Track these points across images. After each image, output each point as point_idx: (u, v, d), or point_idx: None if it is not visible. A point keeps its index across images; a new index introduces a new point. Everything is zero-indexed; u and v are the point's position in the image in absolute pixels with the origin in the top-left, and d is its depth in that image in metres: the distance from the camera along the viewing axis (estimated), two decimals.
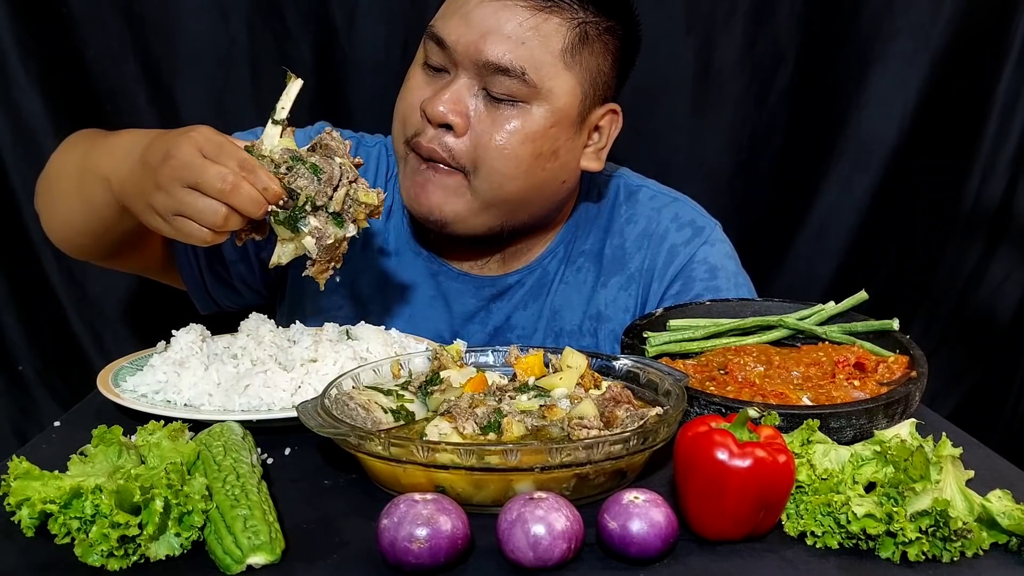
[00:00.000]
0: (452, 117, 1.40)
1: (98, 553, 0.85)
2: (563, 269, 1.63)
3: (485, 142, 1.41)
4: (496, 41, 1.38)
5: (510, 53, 1.38)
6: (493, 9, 1.39)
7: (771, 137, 2.27)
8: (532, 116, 1.42)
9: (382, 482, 1.01)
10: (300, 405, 1.04)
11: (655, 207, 1.65)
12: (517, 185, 1.45)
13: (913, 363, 1.26)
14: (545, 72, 1.40)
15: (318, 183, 1.21)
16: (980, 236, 2.28)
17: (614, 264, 1.63)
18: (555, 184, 1.50)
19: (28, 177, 2.16)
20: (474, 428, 1.04)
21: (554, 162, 1.47)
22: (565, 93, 1.43)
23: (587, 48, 1.44)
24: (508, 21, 1.39)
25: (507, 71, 1.38)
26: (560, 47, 1.41)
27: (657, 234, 1.63)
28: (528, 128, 1.42)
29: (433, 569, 0.84)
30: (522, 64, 1.38)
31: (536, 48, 1.39)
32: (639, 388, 1.16)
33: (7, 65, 2.10)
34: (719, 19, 2.19)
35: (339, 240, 1.22)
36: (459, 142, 1.42)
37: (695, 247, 1.61)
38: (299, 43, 2.16)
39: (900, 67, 2.20)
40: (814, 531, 0.91)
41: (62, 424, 1.21)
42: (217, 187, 1.14)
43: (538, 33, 1.40)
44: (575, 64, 1.43)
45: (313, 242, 1.21)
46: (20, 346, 2.27)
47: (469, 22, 1.39)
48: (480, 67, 1.39)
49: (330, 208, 1.21)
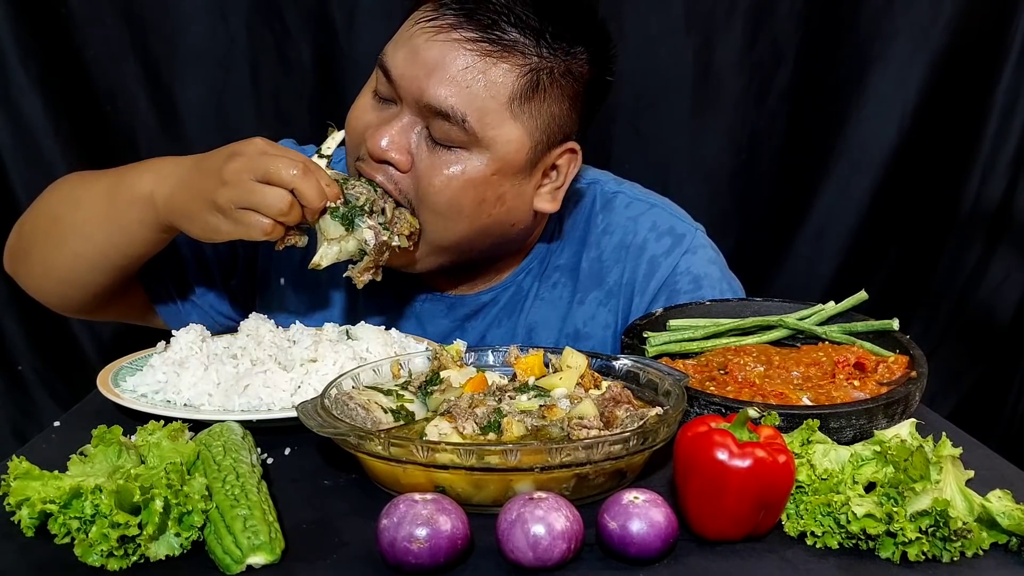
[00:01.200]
0: (393, 155, 1.34)
1: (98, 553, 0.85)
2: (538, 285, 1.56)
3: (425, 185, 1.34)
4: (439, 83, 1.30)
5: (452, 98, 1.30)
6: (440, 48, 1.31)
7: (771, 137, 2.27)
8: (472, 163, 1.34)
9: (382, 482, 1.01)
10: (300, 405, 1.04)
11: (631, 216, 1.57)
12: (461, 229, 1.38)
13: (913, 363, 1.26)
14: (488, 120, 1.32)
15: (375, 193, 1.33)
16: (980, 236, 2.29)
17: (591, 279, 1.56)
18: (503, 227, 1.43)
19: (28, 177, 2.17)
20: (474, 428, 1.04)
21: (500, 207, 1.39)
22: (510, 142, 1.34)
23: (539, 96, 1.34)
24: (454, 63, 1.31)
25: (447, 116, 1.31)
26: (507, 95, 1.32)
27: (635, 245, 1.55)
28: (468, 175, 1.34)
29: (433, 569, 0.84)
30: (464, 111, 1.30)
31: (480, 95, 1.31)
32: (639, 388, 1.15)
33: (7, 65, 2.10)
34: (719, 19, 2.20)
35: (388, 245, 1.33)
36: (404, 177, 1.36)
37: (676, 257, 1.54)
38: (299, 43, 2.17)
39: (900, 67, 2.20)
40: (814, 531, 0.91)
41: (62, 424, 1.21)
42: (289, 172, 1.25)
43: (485, 78, 1.31)
44: (524, 112, 1.34)
45: (372, 235, 1.31)
46: (20, 346, 2.27)
47: (415, 58, 1.32)
48: (422, 107, 1.32)
49: (381, 219, 1.33)
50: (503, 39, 1.31)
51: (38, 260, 1.48)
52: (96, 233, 1.40)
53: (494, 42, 1.31)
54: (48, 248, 1.46)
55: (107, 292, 1.47)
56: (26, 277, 1.51)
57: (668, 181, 2.23)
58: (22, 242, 1.50)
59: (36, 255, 1.48)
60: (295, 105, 2.19)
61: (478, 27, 1.31)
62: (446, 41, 1.31)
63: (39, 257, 1.47)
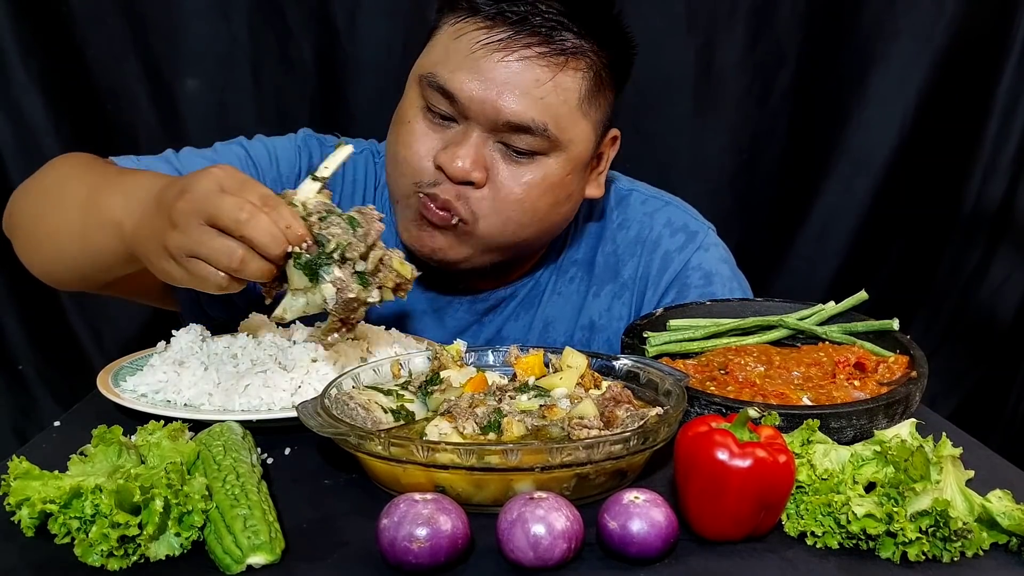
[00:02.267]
0: (475, 174, 1.36)
1: (98, 553, 0.85)
2: (555, 280, 1.60)
3: (504, 195, 1.38)
4: (514, 100, 1.34)
5: (531, 111, 1.34)
6: (508, 67, 1.34)
7: (772, 137, 2.27)
8: (551, 167, 1.39)
9: (382, 482, 1.01)
10: (300, 405, 1.04)
11: (647, 212, 1.62)
12: (531, 231, 1.44)
13: (913, 363, 1.26)
14: (564, 124, 1.38)
15: (352, 234, 1.11)
16: (981, 236, 2.29)
17: (607, 272, 1.60)
18: (564, 222, 1.51)
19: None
20: (474, 428, 1.04)
21: (568, 204, 1.47)
22: (582, 140, 1.41)
23: (600, 91, 1.41)
24: (525, 79, 1.34)
25: (528, 129, 1.35)
26: (577, 98, 1.38)
27: (650, 240, 1.60)
28: (548, 180, 1.40)
29: (433, 569, 0.84)
30: (543, 121, 1.35)
31: (555, 103, 1.36)
32: (639, 388, 1.15)
33: (7, 64, 2.10)
34: (720, 19, 2.20)
35: (360, 301, 1.12)
36: (478, 194, 1.38)
37: (689, 253, 1.59)
38: (300, 42, 2.17)
39: (901, 67, 2.20)
40: (814, 531, 0.91)
41: (62, 424, 1.21)
42: (233, 217, 1.04)
43: (556, 87, 1.36)
44: (591, 110, 1.41)
45: (333, 292, 1.09)
46: (20, 346, 2.27)
47: (484, 79, 1.34)
48: (499, 124, 1.35)
49: (359, 266, 1.11)
50: (564, 47, 1.35)
51: (27, 241, 1.43)
52: (69, 247, 1.33)
53: (560, 52, 1.35)
54: (32, 233, 1.41)
55: (100, 283, 1.42)
56: (18, 251, 1.46)
57: (669, 181, 2.21)
58: (13, 218, 1.45)
59: (23, 233, 1.43)
60: (296, 104, 2.20)
61: (539, 40, 1.34)
62: (515, 60, 1.34)
63: (28, 240, 1.43)
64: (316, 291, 1.10)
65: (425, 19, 1.50)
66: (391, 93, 1.53)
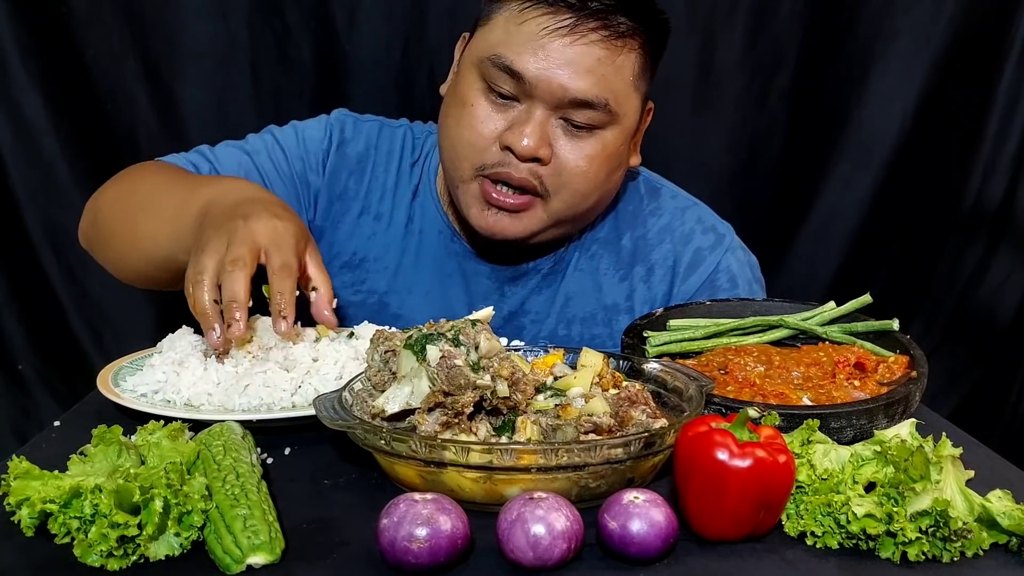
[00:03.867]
0: (542, 150, 1.45)
1: (98, 553, 0.85)
2: (578, 255, 1.66)
3: (569, 168, 1.47)
4: (578, 77, 1.43)
5: (594, 88, 1.43)
6: (574, 49, 1.42)
7: (772, 137, 2.27)
8: (608, 139, 1.49)
9: (399, 479, 1.01)
10: (318, 397, 1.05)
11: (679, 206, 1.70)
12: (591, 200, 1.53)
13: (913, 363, 1.26)
14: (622, 99, 1.47)
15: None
16: (981, 236, 2.28)
17: (635, 256, 1.67)
18: (614, 187, 1.60)
19: (28, 176, 2.17)
20: (488, 428, 1.03)
21: (620, 171, 1.57)
22: (633, 112, 1.52)
23: (647, 68, 1.52)
24: (589, 59, 1.43)
25: (591, 105, 1.44)
26: (632, 75, 1.48)
27: (682, 232, 1.67)
28: (607, 151, 1.49)
29: (433, 569, 0.84)
30: (605, 97, 1.44)
31: (614, 80, 1.45)
32: (667, 393, 1.15)
33: (7, 64, 2.10)
34: (720, 18, 2.19)
35: (468, 381, 1.00)
36: (545, 170, 1.47)
37: (719, 255, 1.66)
38: (299, 42, 2.16)
39: (901, 67, 2.20)
40: (814, 531, 0.91)
41: (62, 424, 1.21)
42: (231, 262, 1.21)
43: (614, 65, 1.45)
44: (641, 85, 1.52)
45: (437, 355, 1.00)
46: (20, 346, 2.27)
47: (549, 58, 1.42)
48: (565, 101, 1.44)
49: (472, 356, 1.02)
50: (620, 29, 1.44)
51: (115, 248, 1.53)
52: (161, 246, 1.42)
53: (615, 36, 1.44)
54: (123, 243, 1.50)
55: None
56: (103, 262, 1.58)
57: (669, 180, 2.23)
58: (97, 228, 1.55)
59: (113, 246, 1.53)
60: (296, 104, 2.19)
61: (599, 24, 1.43)
62: (578, 43, 1.42)
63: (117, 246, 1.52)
64: (422, 375, 1.01)
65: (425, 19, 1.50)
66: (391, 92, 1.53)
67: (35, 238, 2.18)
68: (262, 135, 1.67)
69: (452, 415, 1.00)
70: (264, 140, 1.65)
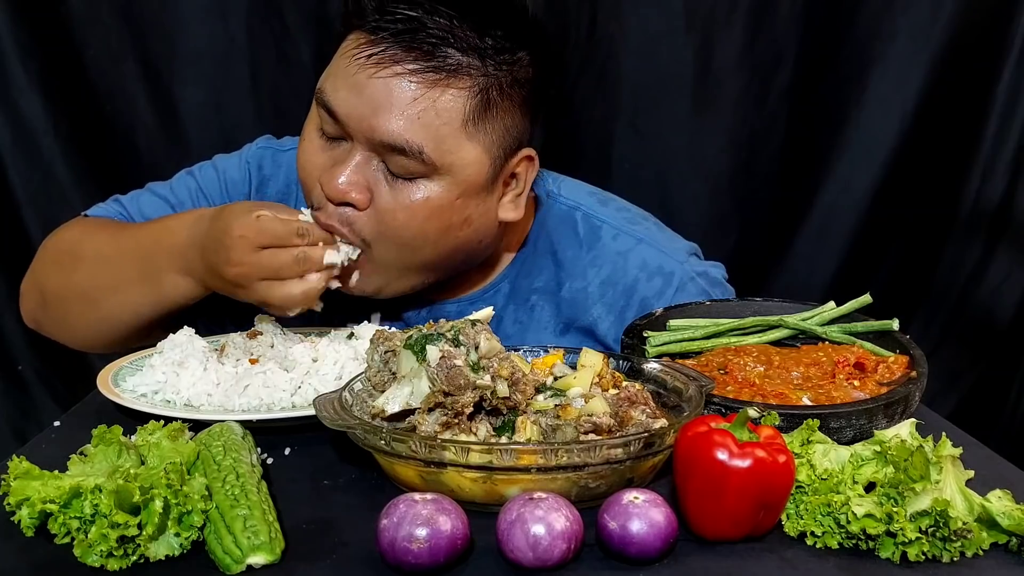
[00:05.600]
0: (354, 195, 1.30)
1: (97, 553, 0.85)
2: (513, 308, 1.53)
3: (389, 220, 1.31)
4: (389, 119, 1.26)
5: (405, 132, 1.26)
6: (384, 84, 1.26)
7: (771, 137, 2.27)
8: (435, 190, 1.31)
9: (399, 479, 1.01)
10: (318, 397, 1.04)
11: (620, 251, 1.52)
12: (425, 254, 1.36)
13: (913, 363, 1.26)
14: (446, 147, 1.29)
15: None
16: (980, 236, 2.28)
17: (575, 309, 1.52)
18: (471, 245, 1.40)
19: (28, 177, 2.17)
20: (488, 428, 1.03)
21: (467, 228, 1.36)
22: (470, 163, 1.31)
23: (491, 112, 1.31)
24: (401, 97, 1.26)
25: (403, 151, 1.27)
26: (460, 119, 1.29)
27: (625, 284, 1.51)
28: (432, 203, 1.31)
29: (433, 569, 0.84)
30: (419, 143, 1.27)
31: (433, 123, 1.27)
32: (667, 393, 1.15)
33: (7, 65, 2.10)
34: (719, 19, 2.19)
35: (468, 381, 1.00)
36: (361, 216, 1.32)
37: (668, 299, 1.50)
38: (298, 43, 2.16)
39: (900, 67, 2.20)
40: (814, 531, 0.91)
41: (62, 424, 1.21)
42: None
43: (435, 107, 1.27)
44: (479, 132, 1.31)
45: (437, 356, 1.01)
46: (20, 346, 2.27)
47: (360, 96, 1.28)
48: (375, 144, 1.29)
49: (472, 356, 1.03)
50: (447, 64, 1.27)
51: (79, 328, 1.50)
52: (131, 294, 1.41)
53: (439, 69, 1.27)
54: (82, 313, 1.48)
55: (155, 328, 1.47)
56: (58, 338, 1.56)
57: (668, 181, 2.23)
58: (49, 313, 1.53)
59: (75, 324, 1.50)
60: (295, 104, 2.19)
61: (419, 55, 1.27)
62: (390, 76, 1.26)
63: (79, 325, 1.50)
64: (422, 375, 1.01)
65: None
66: None
67: (35, 238, 2.18)
68: (186, 178, 1.58)
69: (452, 415, 1.00)
70: (189, 187, 1.57)
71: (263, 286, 1.27)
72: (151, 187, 1.60)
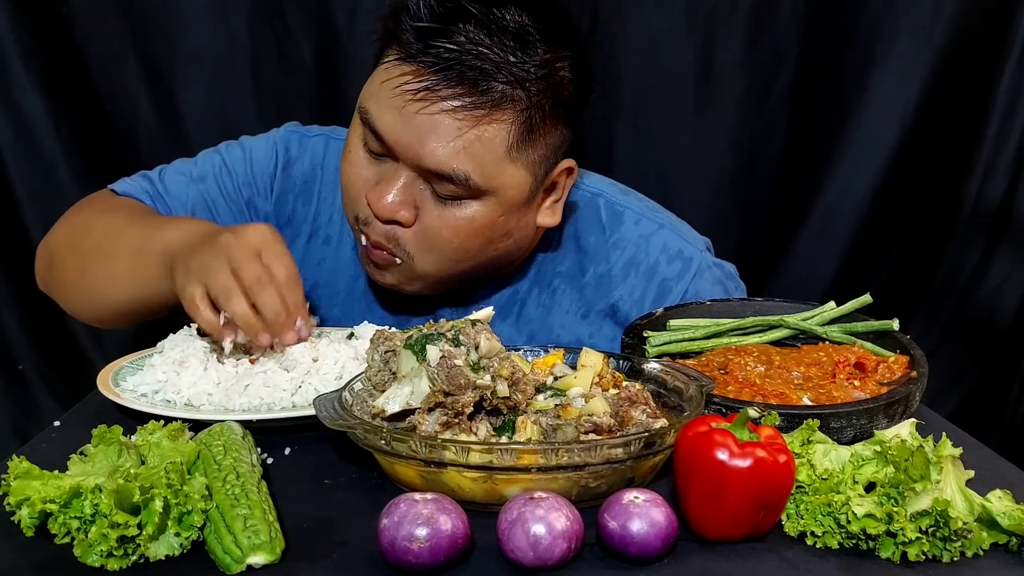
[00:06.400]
0: (402, 213, 1.34)
1: (98, 553, 0.85)
2: (537, 291, 1.57)
3: (433, 235, 1.35)
4: (435, 150, 1.29)
5: (452, 161, 1.29)
6: (430, 118, 1.29)
7: (772, 137, 2.27)
8: (481, 211, 1.35)
9: (400, 480, 1.01)
10: (318, 397, 1.04)
11: (642, 234, 1.56)
12: (467, 266, 1.42)
13: (913, 363, 1.26)
14: (491, 173, 1.32)
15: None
16: (981, 236, 2.28)
17: (597, 292, 1.56)
18: (510, 255, 1.47)
19: (28, 176, 2.17)
20: (488, 428, 1.03)
21: (507, 241, 1.42)
22: (514, 185, 1.35)
23: (534, 135, 1.34)
24: (447, 130, 1.29)
25: (450, 178, 1.31)
26: (505, 146, 1.32)
27: (646, 265, 1.55)
28: (477, 223, 1.35)
29: (433, 569, 0.84)
30: (465, 171, 1.30)
31: (479, 153, 1.30)
32: (667, 393, 1.15)
33: (7, 64, 2.10)
34: (720, 19, 2.19)
35: (468, 381, 1.00)
36: (407, 232, 1.36)
37: (686, 283, 1.54)
38: (300, 43, 2.16)
39: (901, 67, 2.20)
40: (814, 531, 0.91)
41: (62, 424, 1.21)
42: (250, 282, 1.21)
43: (480, 138, 1.30)
44: (523, 155, 1.34)
45: (437, 355, 1.01)
46: (20, 346, 2.27)
47: (407, 125, 1.30)
48: (422, 171, 1.32)
49: (472, 356, 1.04)
50: (491, 95, 1.29)
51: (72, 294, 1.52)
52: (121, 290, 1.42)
53: (483, 105, 1.29)
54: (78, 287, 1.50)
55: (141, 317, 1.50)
56: (62, 305, 1.57)
57: (669, 181, 2.23)
58: (53, 273, 1.54)
59: (69, 290, 1.52)
60: (296, 104, 2.19)
61: (464, 89, 1.28)
62: (436, 112, 1.29)
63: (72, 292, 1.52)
64: (422, 375, 1.01)
65: None
66: None
67: (35, 238, 2.17)
68: (212, 155, 1.60)
69: (452, 415, 1.00)
70: (213, 163, 1.58)
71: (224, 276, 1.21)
72: (177, 164, 1.61)
